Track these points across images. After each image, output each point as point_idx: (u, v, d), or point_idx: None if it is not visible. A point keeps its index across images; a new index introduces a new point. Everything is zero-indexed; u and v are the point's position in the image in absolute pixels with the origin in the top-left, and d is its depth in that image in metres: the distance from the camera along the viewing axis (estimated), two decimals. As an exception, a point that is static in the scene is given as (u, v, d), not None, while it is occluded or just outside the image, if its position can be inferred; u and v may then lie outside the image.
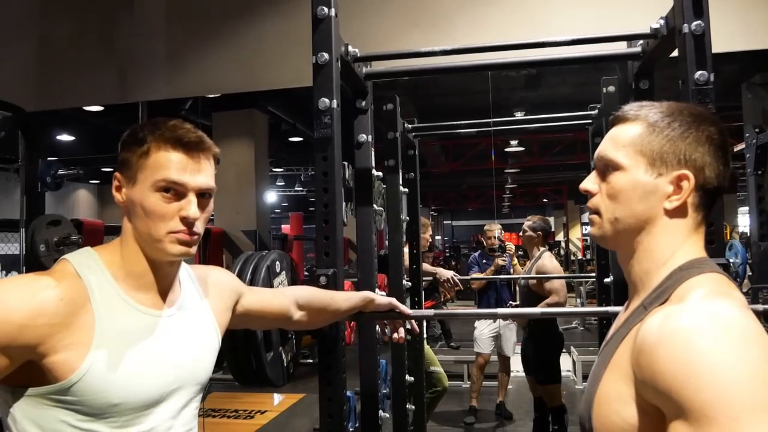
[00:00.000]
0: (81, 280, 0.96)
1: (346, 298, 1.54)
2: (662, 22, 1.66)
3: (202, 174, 1.02)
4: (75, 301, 0.94)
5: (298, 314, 1.41)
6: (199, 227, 1.03)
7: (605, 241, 0.91)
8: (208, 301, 1.16)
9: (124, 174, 1.03)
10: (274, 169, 13.34)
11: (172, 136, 1.01)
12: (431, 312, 2.06)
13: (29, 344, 0.90)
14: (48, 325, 0.91)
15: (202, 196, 1.03)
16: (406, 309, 1.62)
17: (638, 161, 0.86)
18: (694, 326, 0.69)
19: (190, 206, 1.01)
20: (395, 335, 1.66)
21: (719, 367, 0.65)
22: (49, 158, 3.73)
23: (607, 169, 0.89)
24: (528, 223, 4.16)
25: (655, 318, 0.74)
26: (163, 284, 1.06)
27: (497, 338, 5.01)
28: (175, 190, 1.00)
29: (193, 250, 1.03)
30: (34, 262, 3.07)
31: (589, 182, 0.92)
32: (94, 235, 4.28)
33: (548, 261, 4.02)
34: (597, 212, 0.90)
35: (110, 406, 0.95)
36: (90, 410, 0.94)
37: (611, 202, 0.88)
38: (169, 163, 1.00)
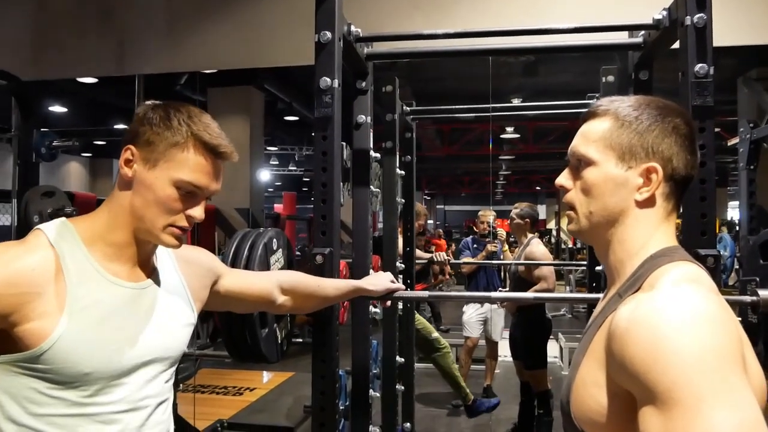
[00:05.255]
0: (53, 249, 0.97)
1: (335, 287, 1.52)
2: (665, 13, 1.66)
3: (219, 180, 1.06)
4: (47, 270, 0.95)
5: (281, 299, 1.40)
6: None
7: (582, 235, 0.92)
8: (184, 276, 1.17)
9: (142, 152, 1.02)
10: (269, 148, 13.27)
11: (209, 141, 1.03)
12: (425, 293, 2.08)
13: (1, 313, 0.91)
14: (20, 294, 0.92)
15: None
16: (401, 287, 1.61)
17: (608, 155, 0.88)
18: (661, 312, 0.71)
19: (199, 209, 1.04)
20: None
21: (684, 350, 0.67)
22: (42, 129, 3.69)
23: (580, 164, 0.91)
24: (515, 210, 4.18)
25: (627, 306, 0.76)
26: (141, 257, 1.07)
27: (485, 323, 5.07)
28: (192, 192, 1.03)
29: (182, 243, 1.07)
30: (27, 233, 3.06)
31: (563, 178, 0.94)
32: (86, 207, 4.23)
33: (537, 247, 4.05)
34: (572, 208, 0.92)
35: (81, 375, 0.96)
36: (60, 378, 0.95)
37: (585, 197, 0.90)
38: (199, 167, 1.02)
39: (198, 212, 1.04)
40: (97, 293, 0.99)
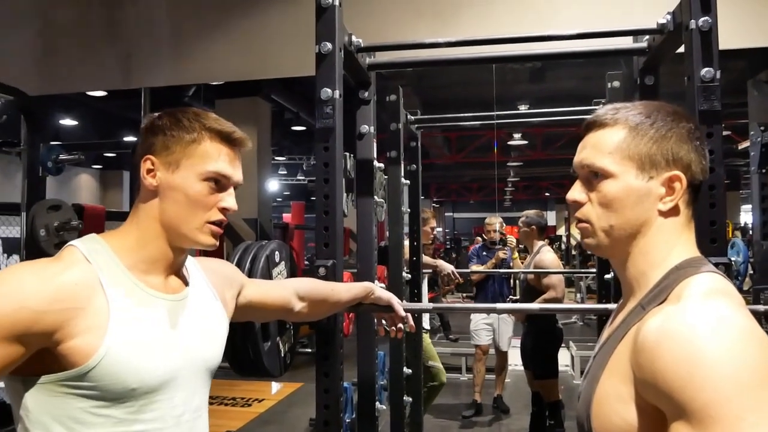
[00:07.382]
0: (91, 264, 0.96)
1: (347, 289, 1.54)
2: (669, 17, 1.64)
3: (240, 170, 1.07)
4: (89, 285, 0.94)
5: (299, 306, 1.40)
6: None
7: (600, 249, 0.89)
8: (214, 287, 1.16)
9: (162, 158, 1.02)
10: (277, 158, 13.30)
11: (222, 129, 1.04)
12: (428, 305, 2.05)
13: (46, 331, 0.89)
14: (65, 310, 0.90)
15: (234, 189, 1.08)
16: (401, 310, 1.60)
17: (627, 167, 0.84)
18: (694, 326, 0.68)
19: (231, 198, 1.05)
20: (392, 329, 1.66)
21: (721, 366, 0.64)
22: (51, 142, 3.71)
23: (595, 177, 0.87)
24: (522, 218, 4.20)
25: (655, 318, 0.73)
26: (173, 270, 1.07)
27: (493, 331, 5.02)
28: (220, 183, 1.04)
29: (218, 241, 1.08)
30: (34, 246, 3.07)
31: (576, 192, 0.90)
32: (96, 220, 4.27)
33: (546, 255, 4.03)
34: (588, 222, 0.88)
35: (128, 391, 0.94)
36: (107, 395, 0.93)
37: (604, 211, 0.86)
38: (219, 155, 1.04)
39: (230, 202, 1.05)
40: (138, 307, 0.98)
